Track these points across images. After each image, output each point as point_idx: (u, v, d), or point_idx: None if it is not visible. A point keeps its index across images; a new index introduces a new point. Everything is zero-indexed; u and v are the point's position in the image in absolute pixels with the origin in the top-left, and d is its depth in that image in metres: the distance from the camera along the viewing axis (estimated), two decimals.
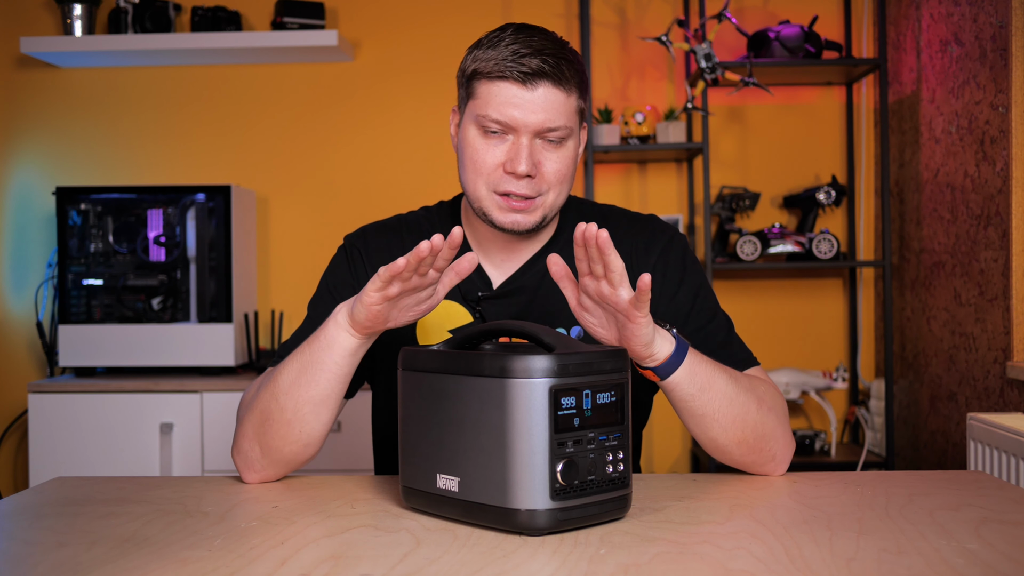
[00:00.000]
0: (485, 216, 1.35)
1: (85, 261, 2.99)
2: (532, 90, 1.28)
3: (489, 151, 1.31)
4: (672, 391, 1.23)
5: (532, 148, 1.30)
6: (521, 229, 1.34)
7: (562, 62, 1.29)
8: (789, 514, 1.10)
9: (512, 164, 1.30)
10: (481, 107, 1.31)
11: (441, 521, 1.08)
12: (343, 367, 1.24)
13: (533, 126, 1.29)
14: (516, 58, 1.28)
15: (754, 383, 1.32)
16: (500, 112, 1.29)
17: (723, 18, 2.90)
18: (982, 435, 2.07)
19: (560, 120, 1.30)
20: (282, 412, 1.26)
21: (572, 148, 1.34)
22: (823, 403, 3.10)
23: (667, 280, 1.42)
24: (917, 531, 1.02)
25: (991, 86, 2.48)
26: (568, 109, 1.31)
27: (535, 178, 1.31)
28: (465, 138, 1.34)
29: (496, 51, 1.29)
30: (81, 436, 2.83)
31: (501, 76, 1.29)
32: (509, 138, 1.31)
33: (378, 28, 3.32)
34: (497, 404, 1.00)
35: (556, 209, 1.36)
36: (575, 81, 1.31)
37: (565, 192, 1.36)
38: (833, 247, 3.04)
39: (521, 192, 1.31)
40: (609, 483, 1.04)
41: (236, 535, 1.04)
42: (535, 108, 1.28)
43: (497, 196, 1.32)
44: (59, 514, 1.15)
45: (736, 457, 1.30)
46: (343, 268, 1.47)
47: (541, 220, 1.35)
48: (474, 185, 1.34)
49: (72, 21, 3.17)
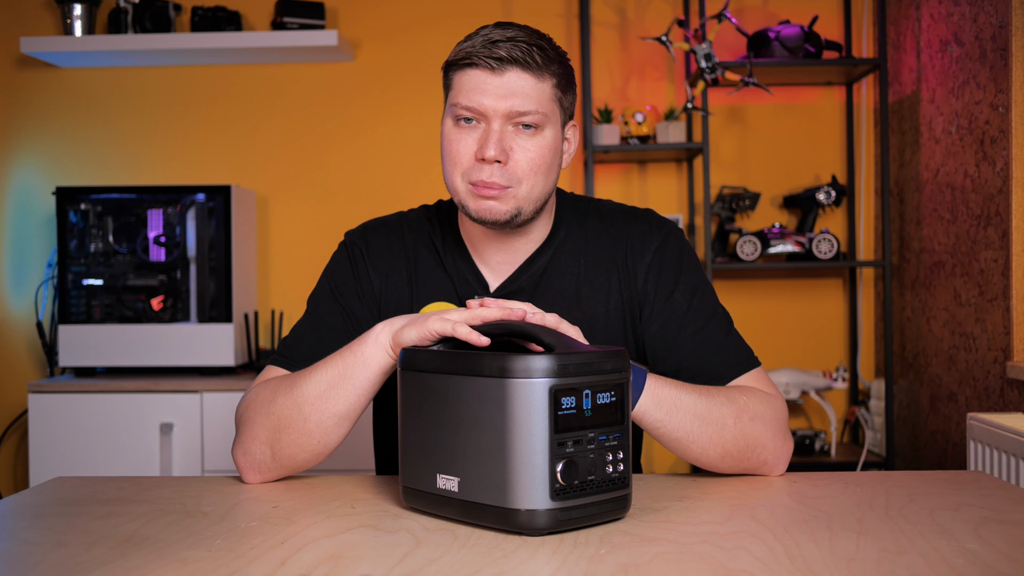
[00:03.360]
0: (463, 207, 1.33)
1: (85, 261, 2.98)
2: (500, 75, 1.28)
3: (462, 140, 1.30)
4: (640, 419, 1.23)
5: (503, 134, 1.29)
6: (494, 218, 1.31)
7: (534, 49, 1.28)
8: (789, 514, 1.10)
9: (481, 150, 1.28)
10: (454, 96, 1.31)
11: (441, 521, 1.08)
12: (375, 384, 1.24)
13: (502, 111, 1.28)
14: (486, 45, 1.28)
15: (733, 394, 1.30)
16: (469, 98, 1.28)
17: (723, 18, 2.90)
18: (982, 435, 2.07)
19: (530, 105, 1.28)
20: (305, 422, 1.25)
21: (550, 138, 1.31)
22: (823, 403, 3.10)
23: (663, 278, 1.40)
24: (917, 531, 1.02)
25: (991, 86, 2.48)
26: (540, 95, 1.29)
27: (506, 165, 1.29)
28: (443, 131, 1.34)
29: (470, 42, 1.30)
30: (81, 436, 2.83)
31: (471, 64, 1.29)
32: (481, 126, 1.30)
33: (378, 28, 3.32)
34: (497, 404, 1.00)
35: (533, 202, 1.32)
36: (549, 69, 1.30)
37: (542, 184, 1.32)
38: (833, 247, 3.04)
39: (491, 181, 1.28)
40: (609, 483, 1.04)
41: (236, 535, 1.04)
42: (503, 93, 1.27)
43: (470, 186, 1.31)
44: (59, 514, 1.15)
45: (725, 469, 1.30)
46: (345, 268, 1.46)
47: (516, 212, 1.31)
48: (451, 177, 1.33)
49: (72, 21, 3.17)
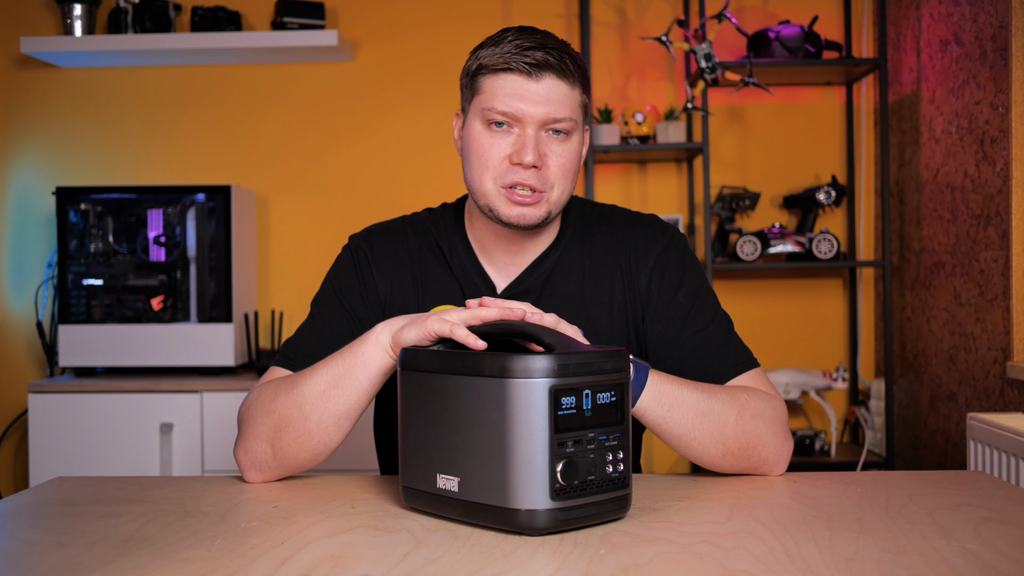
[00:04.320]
0: (491, 212, 1.34)
1: (85, 261, 2.99)
2: (537, 81, 1.29)
3: (495, 144, 1.32)
4: (642, 416, 1.24)
5: (538, 140, 1.31)
6: (527, 223, 1.34)
7: (565, 56, 1.31)
8: (789, 514, 1.10)
9: (519, 155, 1.30)
10: (487, 100, 1.31)
11: (441, 521, 1.08)
12: (375, 384, 1.25)
13: (539, 117, 1.30)
14: (520, 51, 1.29)
15: (734, 393, 1.31)
16: (506, 104, 1.30)
17: (723, 18, 2.90)
18: (982, 435, 2.07)
19: (565, 112, 1.31)
20: (305, 421, 1.25)
21: (577, 143, 1.35)
22: (823, 403, 3.10)
23: (665, 282, 1.42)
24: (917, 531, 1.02)
25: (991, 86, 2.48)
26: (572, 102, 1.32)
27: (541, 170, 1.31)
28: (470, 134, 1.35)
29: (500, 47, 1.31)
30: (81, 436, 2.83)
31: (506, 68, 1.30)
32: (515, 131, 1.31)
33: (378, 28, 3.32)
34: (497, 404, 1.00)
35: (561, 205, 1.36)
36: (578, 76, 1.33)
37: (569, 188, 1.36)
38: (833, 247, 3.04)
39: (528, 183, 1.31)
40: (609, 483, 1.04)
41: (236, 535, 1.04)
42: (540, 99, 1.29)
43: (504, 190, 1.32)
44: (59, 514, 1.15)
45: (726, 468, 1.31)
46: (349, 271, 1.46)
47: (547, 215, 1.34)
48: (480, 181, 1.33)
49: (72, 21, 3.17)
